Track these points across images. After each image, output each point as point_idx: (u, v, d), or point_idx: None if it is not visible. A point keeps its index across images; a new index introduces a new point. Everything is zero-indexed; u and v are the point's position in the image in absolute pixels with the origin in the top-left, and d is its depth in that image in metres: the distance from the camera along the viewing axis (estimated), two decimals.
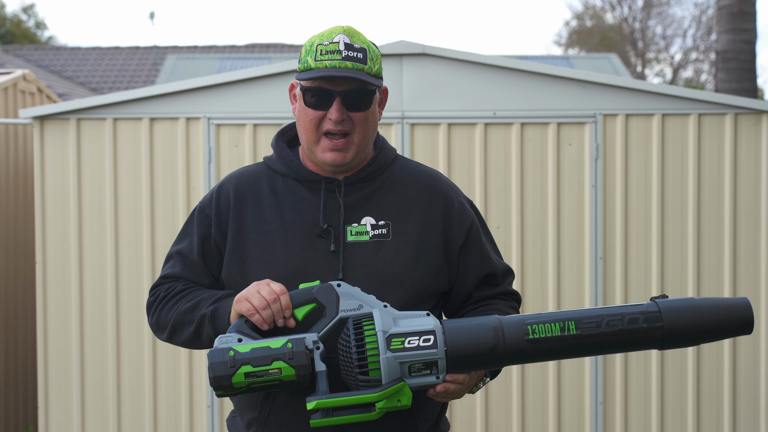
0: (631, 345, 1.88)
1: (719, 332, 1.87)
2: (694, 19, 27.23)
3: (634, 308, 1.88)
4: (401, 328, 1.84)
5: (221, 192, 2.14)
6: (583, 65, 12.96)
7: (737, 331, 1.88)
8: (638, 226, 4.78)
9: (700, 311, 1.86)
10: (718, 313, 1.87)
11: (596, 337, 1.85)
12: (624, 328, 1.85)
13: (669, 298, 1.90)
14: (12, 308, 5.98)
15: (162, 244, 4.74)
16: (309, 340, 1.86)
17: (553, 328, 1.85)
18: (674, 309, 1.87)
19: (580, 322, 1.86)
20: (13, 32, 25.69)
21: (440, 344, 1.83)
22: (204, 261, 2.11)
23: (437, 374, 1.84)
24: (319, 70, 1.99)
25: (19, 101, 6.35)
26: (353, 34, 2.04)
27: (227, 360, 1.83)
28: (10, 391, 5.94)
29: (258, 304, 1.89)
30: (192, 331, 2.03)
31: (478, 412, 4.75)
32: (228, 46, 17.30)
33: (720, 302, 1.88)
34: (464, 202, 2.18)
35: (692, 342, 1.88)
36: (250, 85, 4.74)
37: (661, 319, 1.86)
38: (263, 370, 1.83)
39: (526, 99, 4.75)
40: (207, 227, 2.11)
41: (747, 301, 1.89)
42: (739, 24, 8.95)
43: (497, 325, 1.86)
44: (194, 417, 4.78)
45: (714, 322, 1.86)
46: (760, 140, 4.80)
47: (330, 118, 2.01)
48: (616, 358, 4.76)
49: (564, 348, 1.86)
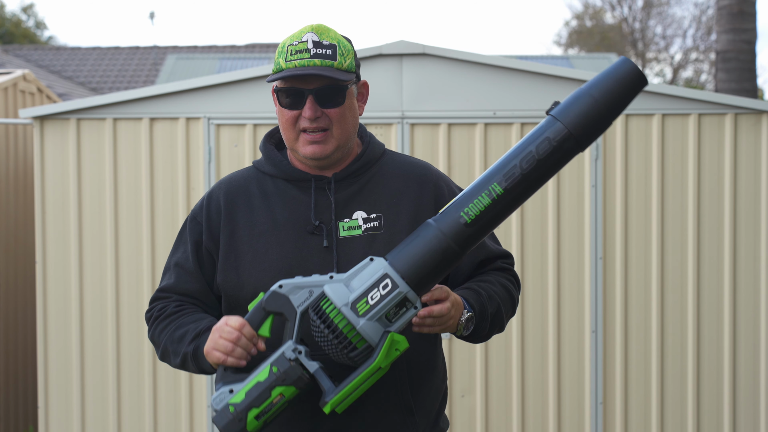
0: (556, 166, 1.86)
1: (619, 100, 1.84)
2: (694, 19, 27.25)
3: (538, 134, 1.85)
4: (358, 290, 1.84)
5: (211, 199, 2.16)
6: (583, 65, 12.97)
7: (634, 89, 1.84)
8: (638, 226, 4.78)
9: (590, 94, 1.83)
10: (606, 85, 1.84)
11: (523, 182, 1.84)
12: (542, 158, 1.84)
13: (559, 102, 1.87)
14: (12, 308, 5.98)
15: (162, 244, 4.74)
16: (288, 351, 1.87)
17: (483, 201, 1.85)
18: (568, 110, 1.84)
19: (502, 179, 1.85)
20: (12, 32, 25.69)
21: (399, 281, 1.83)
22: (199, 268, 2.12)
23: (413, 306, 1.86)
24: (290, 70, 2.02)
25: (19, 101, 6.35)
26: (322, 32, 2.05)
27: (232, 417, 1.86)
28: (10, 391, 5.94)
29: (225, 350, 1.91)
30: (179, 362, 2.07)
31: (478, 412, 4.75)
32: (228, 46, 17.30)
33: (602, 75, 1.86)
34: (455, 190, 2.20)
35: (603, 125, 1.85)
36: (250, 85, 4.74)
37: (564, 127, 1.83)
38: (268, 404, 1.85)
39: (526, 99, 4.75)
40: (199, 234, 2.13)
41: (625, 58, 1.87)
42: (739, 24, 8.95)
43: (436, 231, 1.86)
44: (194, 417, 4.78)
45: (608, 95, 1.83)
46: (760, 140, 4.80)
47: (304, 116, 2.03)
48: (616, 358, 4.76)
49: (502, 209, 1.86)
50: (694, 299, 4.78)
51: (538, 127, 1.87)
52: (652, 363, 4.78)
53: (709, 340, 4.80)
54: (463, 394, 4.74)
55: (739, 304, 4.80)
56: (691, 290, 4.78)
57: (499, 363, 4.75)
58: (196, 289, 2.12)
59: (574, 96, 1.85)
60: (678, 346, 4.79)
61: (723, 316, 4.79)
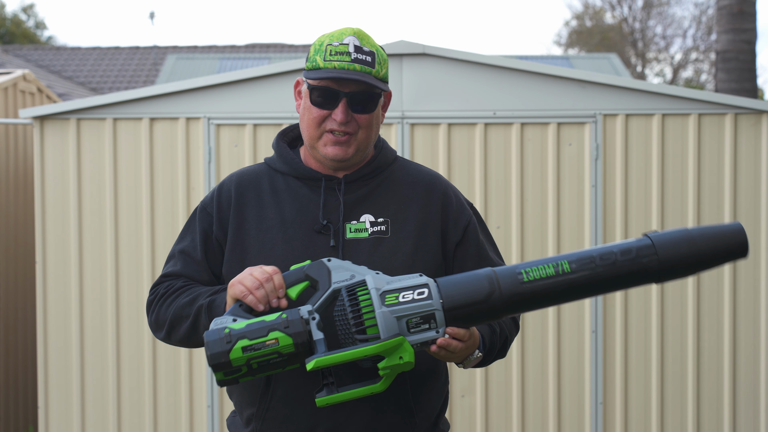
0: (627, 279, 1.86)
1: (715, 258, 1.86)
2: (694, 19, 27.24)
3: (628, 244, 1.87)
4: (394, 285, 1.84)
5: (222, 190, 2.16)
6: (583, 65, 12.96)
7: (732, 256, 1.87)
8: (638, 226, 4.77)
9: (694, 239, 1.85)
10: (712, 240, 1.85)
11: (591, 274, 1.85)
12: (618, 260, 1.84)
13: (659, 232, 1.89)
14: (12, 308, 5.98)
15: (162, 244, 4.74)
16: (304, 311, 1.86)
17: (547, 269, 1.85)
18: (667, 239, 1.86)
19: (573, 261, 1.85)
20: (12, 32, 25.69)
21: (435, 296, 1.83)
22: (206, 258, 2.12)
23: (436, 328, 1.84)
24: (328, 70, 2.01)
25: (19, 101, 6.35)
26: (363, 37, 2.06)
27: (223, 336, 1.82)
28: (10, 391, 5.94)
29: (251, 285, 1.90)
30: (189, 324, 2.03)
31: (478, 412, 4.75)
32: (228, 46, 17.30)
33: (713, 229, 1.87)
34: (463, 202, 2.20)
35: (689, 271, 1.86)
36: (250, 85, 4.74)
37: (655, 251, 1.84)
38: (260, 342, 1.82)
39: (526, 99, 4.75)
40: (209, 224, 2.13)
41: (740, 225, 1.89)
42: (739, 24, 8.95)
43: (490, 273, 1.87)
44: (194, 417, 4.78)
45: (708, 249, 1.85)
46: (760, 140, 4.80)
47: (335, 118, 2.03)
48: (616, 358, 4.76)
49: (560, 289, 1.85)
50: (694, 299, 4.78)
51: (632, 240, 1.88)
52: (652, 363, 4.78)
53: (709, 340, 4.80)
54: (463, 394, 4.75)
55: (739, 304, 4.80)
56: (691, 290, 4.78)
57: (499, 363, 4.75)
58: (202, 279, 2.12)
59: (678, 232, 1.87)
60: (678, 346, 4.79)
61: (723, 316, 4.79)
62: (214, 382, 4.74)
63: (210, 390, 4.75)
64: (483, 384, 4.75)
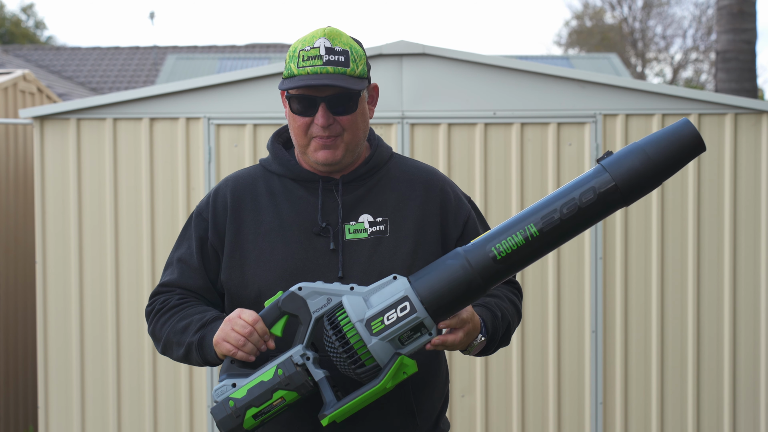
0: (596, 217, 1.82)
1: (673, 162, 1.80)
2: (694, 19, 27.25)
3: (584, 182, 1.82)
4: (375, 308, 1.82)
5: (218, 195, 2.14)
6: (583, 65, 12.96)
7: (690, 153, 1.80)
8: (638, 226, 4.78)
9: (644, 151, 1.79)
10: (664, 145, 1.79)
11: (560, 228, 1.81)
12: (583, 207, 1.80)
13: (613, 153, 1.83)
14: (12, 308, 5.98)
15: (162, 244, 4.74)
16: (296, 356, 1.86)
17: (516, 239, 1.81)
18: (621, 164, 1.80)
19: (539, 221, 1.80)
20: (12, 32, 25.69)
21: (418, 306, 1.81)
22: (203, 265, 2.11)
23: (428, 332, 1.84)
24: (301, 77, 1.99)
25: (19, 101, 6.35)
26: (334, 37, 2.02)
27: (231, 412, 1.84)
28: (10, 391, 5.94)
29: (236, 343, 1.89)
30: (182, 354, 2.04)
31: (478, 412, 4.75)
32: (228, 46, 17.29)
33: (661, 134, 1.81)
34: (461, 196, 2.19)
35: (653, 184, 1.80)
36: (250, 85, 4.74)
37: (612, 179, 1.79)
38: (268, 406, 1.84)
39: (526, 99, 4.75)
40: (204, 230, 2.11)
41: (686, 120, 1.83)
42: (739, 24, 8.95)
43: (463, 261, 1.83)
44: (194, 417, 4.78)
45: (664, 157, 1.79)
46: (760, 140, 4.80)
47: (317, 123, 2.01)
48: (616, 358, 4.76)
49: (533, 251, 1.82)
50: (694, 299, 4.78)
51: (586, 174, 1.83)
52: (652, 363, 4.78)
53: (709, 339, 4.80)
54: (463, 394, 4.74)
55: (739, 304, 4.80)
56: (691, 290, 4.78)
57: (499, 363, 4.75)
58: (199, 286, 2.11)
59: (628, 150, 1.81)
60: (678, 345, 4.79)
61: (723, 316, 4.79)
62: (214, 382, 4.74)
63: (210, 389, 4.75)
64: (483, 384, 4.75)
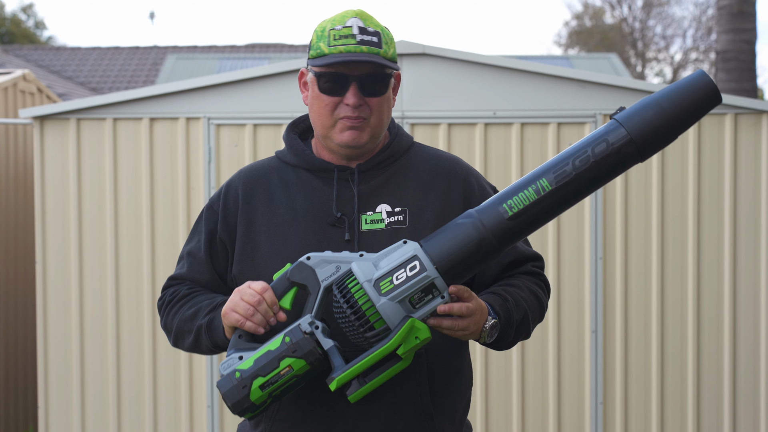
0: (611, 171, 1.76)
1: (689, 115, 1.74)
2: (694, 19, 27.25)
3: (598, 135, 1.76)
4: (384, 269, 1.76)
5: (230, 189, 2.09)
6: (583, 65, 12.96)
7: (707, 105, 1.74)
8: (638, 226, 4.78)
9: (659, 104, 1.73)
10: (679, 97, 1.73)
11: (573, 182, 1.75)
12: (597, 159, 1.74)
13: (625, 108, 1.78)
14: (12, 308, 5.98)
15: (162, 244, 4.74)
16: (304, 324, 1.80)
17: (528, 194, 1.75)
18: (634, 116, 1.74)
19: (551, 176, 1.75)
20: (12, 32, 25.69)
21: (428, 265, 1.75)
22: (210, 258, 2.07)
23: (440, 294, 1.77)
24: (334, 55, 1.92)
25: (19, 101, 6.35)
26: (366, 18, 1.98)
27: (236, 383, 1.79)
28: (10, 391, 5.94)
29: (245, 312, 1.84)
30: (192, 340, 2.00)
31: (478, 412, 4.75)
32: (228, 46, 17.29)
33: (677, 86, 1.75)
34: (485, 186, 2.10)
35: (669, 137, 1.75)
36: (250, 85, 4.74)
37: (627, 132, 1.73)
38: (275, 375, 1.78)
39: (526, 99, 4.75)
40: (214, 224, 2.07)
41: (701, 71, 1.77)
42: (739, 24, 8.95)
43: (475, 220, 1.77)
44: (194, 417, 4.78)
45: (678, 107, 1.73)
46: (760, 140, 4.80)
47: (347, 103, 1.94)
48: (616, 358, 4.76)
49: (547, 208, 1.77)
50: (694, 299, 4.78)
51: (600, 129, 1.77)
52: (652, 363, 4.78)
53: (709, 340, 4.80)
54: None
55: (739, 304, 4.80)
56: (691, 290, 4.78)
57: (498, 363, 4.75)
58: (207, 280, 2.07)
59: (642, 103, 1.76)
60: (678, 346, 4.79)
61: (723, 316, 4.79)
62: (214, 382, 4.74)
63: (210, 390, 4.75)
64: (483, 384, 4.74)
